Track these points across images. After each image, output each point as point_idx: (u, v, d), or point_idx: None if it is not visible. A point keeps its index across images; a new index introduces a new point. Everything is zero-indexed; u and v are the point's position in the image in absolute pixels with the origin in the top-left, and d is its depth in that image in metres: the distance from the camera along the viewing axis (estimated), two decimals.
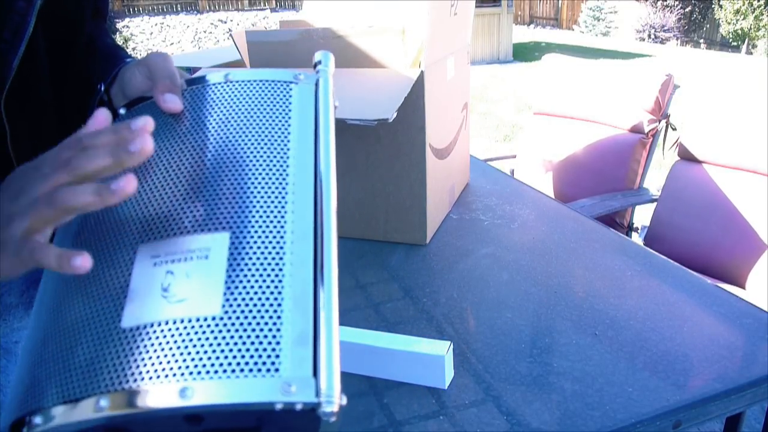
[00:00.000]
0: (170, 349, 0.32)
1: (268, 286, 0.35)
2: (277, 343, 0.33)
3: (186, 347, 0.32)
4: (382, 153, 1.08)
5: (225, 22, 10.43)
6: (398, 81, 0.98)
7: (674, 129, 1.78)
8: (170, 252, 0.36)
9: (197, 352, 0.32)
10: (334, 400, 0.32)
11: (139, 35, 9.61)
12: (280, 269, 0.36)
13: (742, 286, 1.51)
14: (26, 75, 0.57)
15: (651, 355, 0.77)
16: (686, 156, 1.67)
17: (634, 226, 1.92)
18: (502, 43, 9.19)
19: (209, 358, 0.32)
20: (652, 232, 1.71)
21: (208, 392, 0.31)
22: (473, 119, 5.29)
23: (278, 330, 0.33)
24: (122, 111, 0.49)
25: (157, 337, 0.33)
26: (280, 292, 0.35)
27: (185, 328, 0.33)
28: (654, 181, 2.00)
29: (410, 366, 0.74)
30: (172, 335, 0.33)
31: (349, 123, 0.88)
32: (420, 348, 0.74)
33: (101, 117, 0.43)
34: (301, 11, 1.36)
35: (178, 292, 0.35)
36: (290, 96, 0.45)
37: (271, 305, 0.34)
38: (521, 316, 0.87)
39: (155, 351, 0.32)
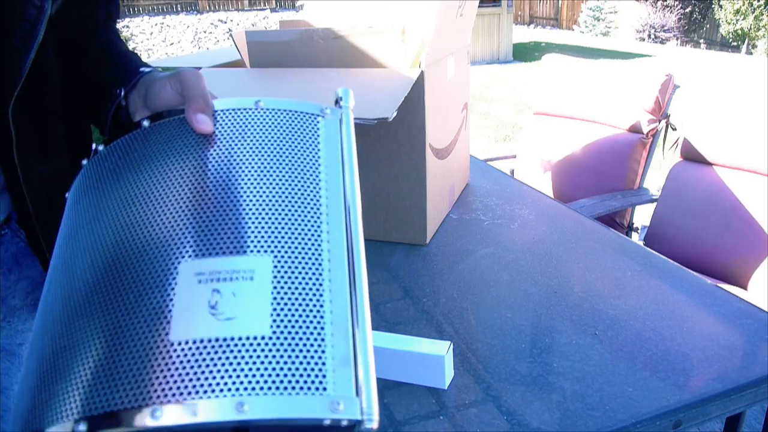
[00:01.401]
0: (223, 365, 0.34)
1: (311, 310, 0.37)
2: (323, 363, 0.35)
3: (239, 364, 0.34)
4: (382, 153, 1.08)
5: (225, 22, 10.44)
6: (398, 81, 0.98)
7: (674, 129, 1.78)
8: (215, 271, 0.38)
9: (250, 369, 0.34)
10: (374, 417, 0.34)
11: (139, 35, 9.62)
12: (321, 294, 0.38)
13: (742, 286, 1.51)
14: (35, 82, 0.57)
15: (651, 355, 0.77)
16: (686, 156, 1.67)
17: (634, 226, 1.92)
18: (502, 43, 9.19)
19: (262, 375, 0.34)
20: (652, 232, 1.71)
21: (263, 407, 0.33)
22: (473, 119, 5.29)
23: (323, 351, 0.36)
24: (146, 123, 0.49)
25: (208, 353, 0.34)
26: (322, 316, 0.37)
27: (236, 345, 0.35)
28: (654, 181, 2.00)
29: (410, 366, 0.74)
30: (224, 352, 0.35)
31: None
32: (420, 348, 0.74)
33: None
34: (301, 11, 1.37)
35: (227, 310, 0.36)
36: (318, 128, 0.47)
37: (315, 328, 0.37)
38: (521, 316, 0.87)
39: (208, 366, 0.34)
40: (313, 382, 0.35)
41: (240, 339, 0.35)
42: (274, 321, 0.36)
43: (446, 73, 1.14)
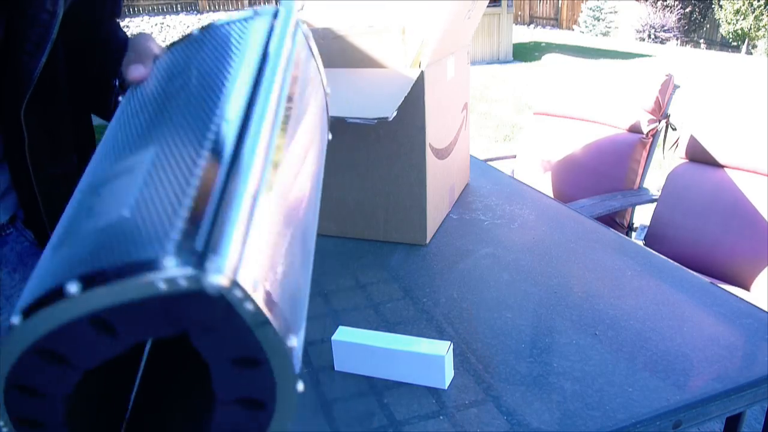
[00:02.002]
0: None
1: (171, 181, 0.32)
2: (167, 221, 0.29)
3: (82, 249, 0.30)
4: (382, 153, 1.08)
5: None
6: (398, 80, 0.98)
7: (674, 129, 1.78)
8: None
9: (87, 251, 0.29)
10: (224, 270, 0.26)
11: None
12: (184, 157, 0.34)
13: (742, 286, 1.51)
14: (46, 84, 0.58)
15: (651, 355, 0.77)
16: (686, 156, 1.67)
17: (634, 226, 1.92)
18: (502, 43, 9.19)
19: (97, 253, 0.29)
20: (652, 232, 1.71)
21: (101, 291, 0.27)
22: (473, 119, 5.29)
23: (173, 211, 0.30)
24: (121, 99, 0.50)
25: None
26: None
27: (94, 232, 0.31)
28: (654, 181, 2.00)
29: (410, 366, 0.74)
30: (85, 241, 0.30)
31: (349, 122, 0.88)
32: (420, 348, 0.74)
33: None
34: (301, 11, 1.36)
35: (99, 207, 0.33)
36: (246, 30, 0.46)
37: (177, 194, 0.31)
38: (521, 316, 0.87)
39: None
40: (152, 241, 0.27)
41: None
42: (135, 206, 0.31)
43: (446, 73, 1.14)
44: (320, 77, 0.50)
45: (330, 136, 0.52)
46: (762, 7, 10.64)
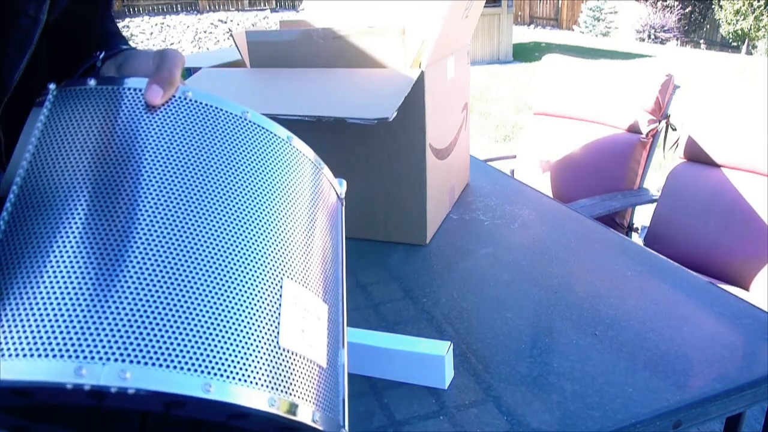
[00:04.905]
0: (299, 377, 0.40)
1: (338, 356, 0.48)
2: (341, 400, 0.46)
3: (306, 380, 0.41)
4: (382, 153, 1.08)
5: (225, 22, 10.43)
6: (398, 81, 0.98)
7: (674, 129, 1.78)
8: (303, 303, 0.44)
9: (310, 386, 0.41)
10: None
11: (139, 35, 9.61)
12: (342, 344, 0.50)
13: (742, 286, 1.51)
14: (25, 87, 0.58)
15: (651, 355, 0.77)
16: (686, 156, 1.67)
17: (634, 226, 1.92)
18: (502, 43, 9.18)
19: (314, 393, 0.41)
20: (652, 232, 1.71)
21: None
22: (473, 119, 5.29)
23: (341, 390, 0.47)
24: (92, 82, 0.46)
25: (293, 364, 0.40)
26: (341, 363, 0.49)
27: (309, 367, 0.42)
28: (654, 181, 2.00)
29: (410, 366, 0.74)
30: (303, 367, 0.41)
31: (349, 122, 0.88)
32: (420, 348, 0.74)
33: None
34: (301, 11, 1.36)
35: (309, 337, 0.43)
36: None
37: (339, 369, 0.48)
38: (521, 316, 0.87)
39: (291, 373, 0.40)
40: (338, 412, 0.44)
41: (313, 362, 0.42)
42: (328, 360, 0.46)
43: (446, 73, 1.14)
44: None
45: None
46: (762, 8, 10.64)
